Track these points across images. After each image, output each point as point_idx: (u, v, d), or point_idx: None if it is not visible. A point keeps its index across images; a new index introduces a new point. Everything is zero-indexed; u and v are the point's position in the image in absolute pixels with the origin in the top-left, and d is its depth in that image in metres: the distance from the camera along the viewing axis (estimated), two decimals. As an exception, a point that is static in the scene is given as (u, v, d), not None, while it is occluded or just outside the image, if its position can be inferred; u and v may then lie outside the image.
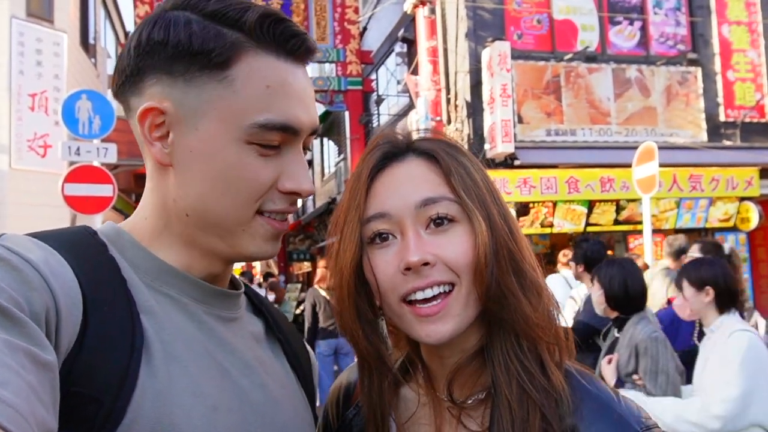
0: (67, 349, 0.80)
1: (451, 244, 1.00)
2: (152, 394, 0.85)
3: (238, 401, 0.98)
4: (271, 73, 0.97)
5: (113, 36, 18.28)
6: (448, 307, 0.99)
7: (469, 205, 1.00)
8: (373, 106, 19.84)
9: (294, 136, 0.99)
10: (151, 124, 0.99)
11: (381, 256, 1.02)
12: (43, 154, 10.83)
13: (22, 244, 0.84)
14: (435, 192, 1.01)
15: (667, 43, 14.35)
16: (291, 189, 0.99)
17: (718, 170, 13.30)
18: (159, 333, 0.92)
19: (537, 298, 1.03)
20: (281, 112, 0.96)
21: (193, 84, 0.96)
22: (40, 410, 0.65)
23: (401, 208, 1.01)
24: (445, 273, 0.99)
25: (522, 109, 13.09)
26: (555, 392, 0.98)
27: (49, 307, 0.78)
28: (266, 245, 1.02)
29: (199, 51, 0.94)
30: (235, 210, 0.98)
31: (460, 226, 1.01)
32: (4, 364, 0.64)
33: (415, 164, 1.06)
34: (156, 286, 0.98)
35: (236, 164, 0.96)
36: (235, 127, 0.95)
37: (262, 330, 1.17)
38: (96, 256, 0.93)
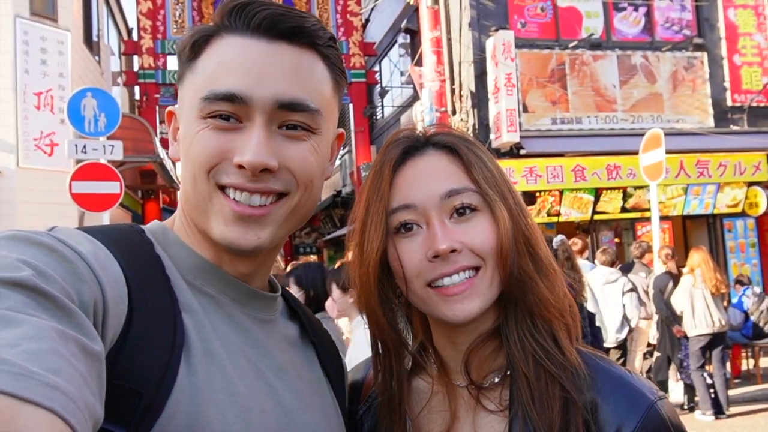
0: (112, 342, 0.82)
1: (475, 231, 1.06)
2: (190, 391, 0.87)
3: (272, 403, 0.99)
4: (228, 50, 0.99)
5: (116, 33, 18.30)
6: (474, 286, 1.05)
7: (491, 194, 1.07)
8: (377, 98, 19.81)
9: (246, 107, 0.96)
10: (173, 127, 1.09)
11: (407, 244, 1.08)
12: (50, 152, 10.86)
13: (73, 236, 0.86)
14: (458, 183, 1.07)
15: (673, 29, 14.26)
16: (236, 161, 0.96)
17: (726, 155, 13.23)
18: (199, 332, 0.94)
19: (551, 281, 1.09)
20: (226, 82, 0.96)
21: (182, 82, 1.04)
22: (90, 398, 0.66)
23: (426, 200, 1.06)
24: (472, 258, 1.05)
25: (527, 98, 13.05)
26: (571, 366, 1.05)
27: (97, 300, 0.80)
28: (230, 229, 0.98)
29: (181, 50, 1.03)
30: (196, 185, 0.99)
31: (482, 215, 1.07)
32: (57, 352, 0.65)
33: (436, 157, 1.11)
34: (197, 285, 1.00)
35: (192, 138, 0.99)
36: (194, 105, 0.99)
37: (296, 334, 1.18)
38: (142, 254, 0.96)
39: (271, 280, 1.18)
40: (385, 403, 1.16)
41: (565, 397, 1.01)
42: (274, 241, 1.03)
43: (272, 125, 0.98)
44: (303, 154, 1.00)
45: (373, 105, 19.93)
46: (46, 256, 0.78)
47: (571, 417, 0.99)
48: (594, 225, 13.91)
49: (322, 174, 1.07)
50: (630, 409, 1.00)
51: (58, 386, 0.61)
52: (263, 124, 0.97)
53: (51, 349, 0.64)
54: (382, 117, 19.78)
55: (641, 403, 1.00)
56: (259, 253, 1.03)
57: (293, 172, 1.00)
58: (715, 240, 14.16)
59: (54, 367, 0.62)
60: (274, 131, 0.98)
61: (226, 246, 0.99)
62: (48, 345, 0.64)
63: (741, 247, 14.13)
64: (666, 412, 1.01)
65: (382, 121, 19.64)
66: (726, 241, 14.08)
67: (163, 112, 11.21)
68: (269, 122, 0.97)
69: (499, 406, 1.08)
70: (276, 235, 1.02)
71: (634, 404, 1.00)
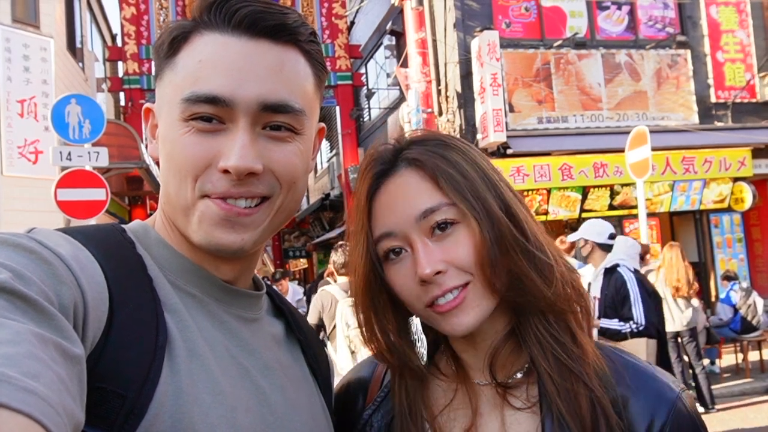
0: (93, 345, 0.80)
1: (458, 247, 1.03)
2: (173, 392, 0.86)
3: (257, 402, 0.98)
4: (208, 48, 0.95)
5: (100, 39, 18.18)
6: (466, 300, 1.04)
7: (462, 207, 1.03)
8: (363, 100, 19.80)
9: (230, 109, 0.93)
10: (150, 125, 1.06)
11: (398, 270, 1.07)
12: (35, 160, 10.77)
13: (52, 238, 0.85)
14: (431, 201, 1.04)
15: (656, 27, 14.35)
16: (221, 166, 0.93)
17: (711, 152, 13.33)
18: (182, 332, 0.92)
19: (550, 273, 1.06)
20: (208, 84, 0.93)
21: (160, 78, 1.01)
22: (70, 403, 0.65)
23: (403, 224, 1.05)
24: (458, 276, 1.03)
25: (513, 98, 13.09)
26: (588, 358, 1.05)
27: (77, 302, 0.78)
28: (214, 232, 0.96)
29: (158, 46, 1.00)
30: (179, 191, 0.96)
31: (462, 227, 1.04)
32: (35, 356, 0.63)
33: (406, 176, 1.08)
34: (180, 285, 0.99)
35: (174, 142, 0.96)
36: (175, 106, 0.96)
37: (282, 331, 1.17)
38: (124, 254, 0.94)
39: (255, 278, 1.16)
40: (402, 414, 1.15)
41: (591, 393, 1.01)
42: (257, 243, 1.01)
43: (256, 127, 0.96)
44: (287, 156, 0.98)
45: (360, 107, 19.92)
46: (24, 258, 0.77)
47: (599, 413, 1.00)
48: (582, 223, 13.95)
49: (306, 173, 1.05)
50: (659, 402, 1.02)
51: (36, 391, 0.60)
52: (247, 127, 0.94)
53: (29, 353, 0.63)
54: (369, 119, 19.78)
55: (669, 396, 1.02)
56: (242, 254, 1.01)
57: (277, 175, 0.98)
58: (702, 235, 14.26)
59: (32, 371, 0.61)
60: (258, 133, 0.96)
61: (208, 248, 0.98)
62: (26, 349, 0.63)
63: (728, 243, 14.23)
64: (689, 402, 1.04)
65: (369, 123, 19.63)
66: (713, 236, 14.18)
67: (149, 118, 11.18)
68: (253, 124, 0.95)
69: (527, 402, 1.07)
70: (259, 237, 1.01)
71: (663, 397, 1.02)
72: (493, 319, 1.08)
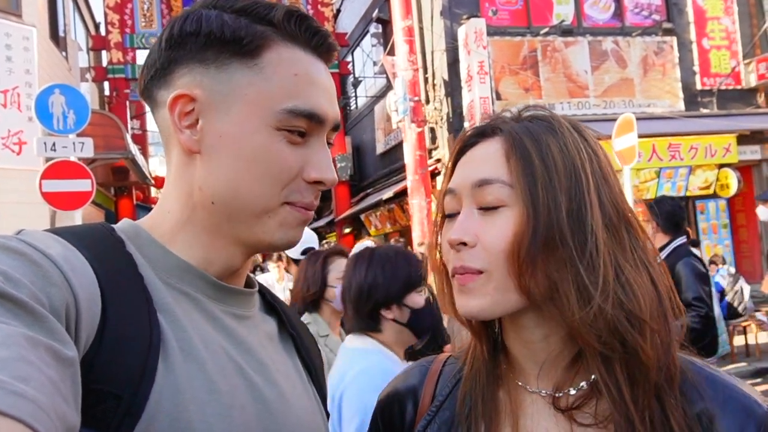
0: (86, 346, 0.79)
1: (493, 228, 0.96)
2: (169, 391, 0.85)
3: (252, 399, 0.98)
4: (298, 63, 1.00)
5: (83, 28, 17.99)
6: (477, 282, 0.96)
7: (519, 191, 0.95)
8: (350, 89, 19.77)
9: (319, 126, 1.01)
10: (180, 112, 1.00)
11: (447, 229, 1.04)
12: (18, 151, 10.65)
13: (41, 239, 0.84)
14: (491, 173, 0.99)
15: (642, 14, 14.38)
16: (316, 178, 1.00)
17: (697, 138, 13.40)
18: (176, 330, 0.92)
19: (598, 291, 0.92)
20: (308, 100, 0.99)
21: (224, 70, 0.98)
22: (62, 406, 0.64)
23: (462, 186, 1.02)
24: (477, 260, 0.96)
25: (500, 86, 13.09)
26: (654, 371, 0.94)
27: (69, 303, 0.77)
28: (292, 233, 1.03)
29: (230, 39, 0.97)
30: (263, 196, 0.98)
31: (508, 211, 0.96)
32: (25, 359, 0.62)
33: (492, 143, 1.03)
34: (172, 284, 0.98)
35: (266, 149, 0.97)
36: (266, 112, 0.97)
37: (275, 328, 1.18)
38: (114, 253, 0.93)
39: (248, 276, 1.16)
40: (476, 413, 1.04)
41: (671, 410, 0.93)
42: None
43: None
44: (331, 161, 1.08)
45: (347, 95, 19.87)
46: (13, 260, 0.76)
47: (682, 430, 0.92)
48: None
49: None
50: (748, 419, 0.94)
51: (26, 395, 0.59)
52: (325, 142, 1.04)
53: (19, 357, 0.62)
54: (356, 107, 19.74)
55: (758, 413, 0.94)
56: None
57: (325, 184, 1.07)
58: (688, 221, 14.37)
59: (22, 375, 0.61)
60: None
61: (283, 247, 1.04)
62: (16, 352, 0.62)
63: (713, 228, 14.36)
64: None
65: (355, 112, 19.60)
66: (699, 222, 14.29)
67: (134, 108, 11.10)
68: (327, 140, 1.05)
69: (595, 418, 0.95)
70: None
71: (752, 414, 0.94)
72: (544, 320, 0.98)
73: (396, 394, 1.19)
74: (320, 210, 21.41)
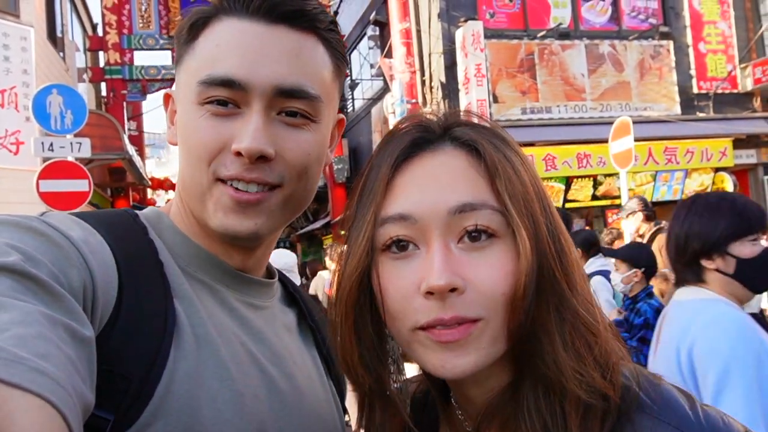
0: (100, 327, 0.81)
1: (488, 267, 0.77)
2: (181, 377, 0.86)
3: (265, 389, 0.99)
4: (225, 33, 0.97)
5: (80, 29, 17.97)
6: (472, 336, 0.77)
7: (515, 217, 0.78)
8: (347, 91, 19.74)
9: (244, 93, 0.94)
10: (170, 110, 1.06)
11: (396, 270, 0.80)
12: (16, 151, 10.64)
13: (63, 221, 0.86)
14: (476, 196, 0.79)
15: (639, 17, 14.41)
16: (235, 149, 0.93)
17: (693, 142, 13.44)
18: (191, 317, 0.93)
19: (585, 342, 0.78)
20: (223, 67, 0.94)
21: (180, 64, 1.02)
22: (80, 384, 0.66)
23: (430, 212, 0.79)
24: (473, 307, 0.77)
25: (497, 89, 13.11)
26: None
27: (87, 285, 0.79)
28: (228, 218, 0.96)
29: (178, 32, 1.01)
30: (194, 175, 0.97)
31: (500, 244, 0.79)
32: (45, 337, 0.64)
33: (452, 156, 0.83)
34: (191, 271, 0.99)
35: (190, 126, 0.97)
36: (190, 90, 0.97)
37: (294, 319, 1.17)
38: (135, 239, 0.94)
39: (269, 266, 1.17)
40: None
41: None
42: (271, 229, 1.02)
43: (271, 112, 0.96)
44: (300, 144, 0.99)
45: (344, 98, 19.86)
46: (35, 240, 0.78)
47: None
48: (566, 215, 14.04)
49: (320, 162, 1.05)
50: None
51: (46, 371, 0.60)
52: (261, 110, 0.95)
53: (39, 334, 0.64)
54: (353, 110, 19.73)
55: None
56: (256, 240, 1.03)
57: (288, 162, 0.98)
58: (684, 225, 14.38)
59: (42, 352, 0.62)
60: (273, 118, 0.97)
61: (225, 234, 0.98)
62: (36, 330, 0.64)
63: (709, 232, 14.38)
64: None
65: (352, 114, 19.58)
66: (694, 226, 14.31)
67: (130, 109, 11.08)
68: (268, 108, 0.96)
69: None
70: (273, 223, 1.01)
71: None
72: (494, 368, 0.81)
73: None
74: (317, 212, 21.39)
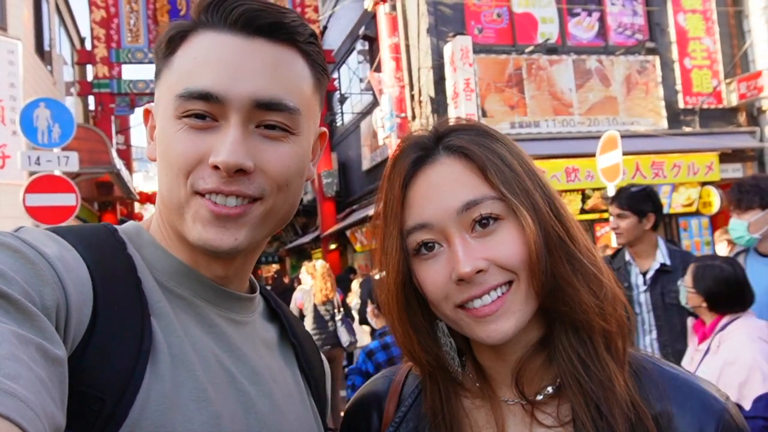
0: (73, 347, 0.79)
1: (501, 245, 0.94)
2: (156, 398, 0.85)
3: (243, 409, 0.97)
4: (203, 46, 0.96)
5: (69, 42, 17.95)
6: (507, 303, 0.94)
7: (512, 200, 0.95)
8: (336, 105, 19.80)
9: (222, 106, 0.93)
10: (150, 125, 1.05)
11: (429, 267, 0.97)
12: (2, 165, 10.58)
13: (38, 238, 0.84)
14: (474, 193, 0.95)
15: (625, 33, 14.55)
16: (212, 162, 0.92)
17: (679, 156, 13.54)
18: (168, 336, 0.91)
19: (597, 283, 0.97)
20: (201, 81, 0.93)
21: (158, 79, 1.01)
22: (50, 405, 0.64)
23: (442, 216, 0.96)
24: (501, 275, 0.94)
25: (485, 103, 13.17)
26: (609, 382, 0.95)
27: (60, 303, 0.77)
28: (207, 231, 0.94)
29: (158, 46, 1.01)
30: (172, 189, 0.96)
31: (507, 223, 0.95)
32: (15, 357, 0.62)
33: (447, 165, 0.99)
34: (170, 287, 0.98)
35: (167, 140, 0.96)
36: (168, 104, 0.96)
37: (275, 336, 1.16)
38: (113, 255, 0.92)
39: (251, 280, 1.15)
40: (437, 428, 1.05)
41: (628, 412, 0.93)
42: (251, 243, 1.00)
43: (249, 125, 0.95)
44: (280, 156, 0.97)
45: (333, 112, 19.91)
46: (8, 257, 0.76)
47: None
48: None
49: (301, 175, 1.03)
50: (706, 415, 0.94)
51: (15, 393, 0.59)
52: (239, 124, 0.93)
53: (9, 354, 0.62)
54: (342, 124, 19.77)
55: (716, 408, 0.95)
56: (236, 254, 1.00)
57: (268, 175, 0.96)
58: (671, 239, 14.45)
59: (12, 373, 0.60)
60: (251, 131, 0.95)
61: (204, 248, 0.96)
62: (6, 350, 0.62)
63: (696, 246, 14.45)
64: (735, 412, 0.97)
65: (342, 128, 19.63)
66: (682, 239, 14.39)
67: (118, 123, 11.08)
68: (246, 121, 0.94)
69: (558, 421, 0.98)
70: (253, 237, 0.99)
71: (709, 410, 0.95)
72: (525, 329, 0.98)
73: (362, 402, 1.19)
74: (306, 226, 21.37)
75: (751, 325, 3.06)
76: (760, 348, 2.89)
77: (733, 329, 3.07)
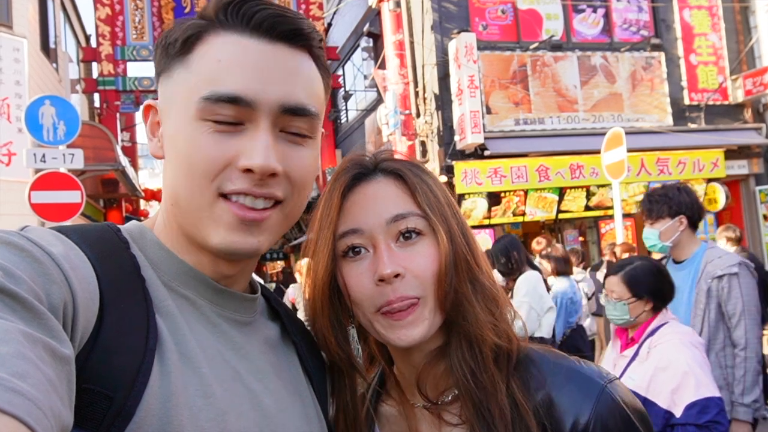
0: (80, 345, 0.79)
1: (419, 256, 1.09)
2: (163, 395, 0.85)
3: (249, 406, 0.98)
4: (227, 48, 0.95)
5: (74, 40, 17.96)
6: (418, 311, 1.08)
7: (434, 219, 1.10)
8: (341, 102, 19.80)
9: (251, 110, 0.94)
10: (151, 122, 1.04)
11: (355, 268, 1.11)
12: (8, 162, 10.61)
13: (44, 237, 0.84)
14: (403, 208, 1.10)
15: (631, 29, 14.51)
16: (244, 165, 0.93)
17: (685, 153, 13.51)
18: (173, 334, 0.92)
19: (494, 304, 1.12)
20: (229, 84, 0.93)
21: (168, 75, 1.00)
22: (58, 404, 0.64)
23: (373, 224, 1.09)
24: (412, 287, 1.08)
25: (490, 100, 13.15)
26: (493, 389, 1.06)
27: (67, 302, 0.77)
28: (231, 235, 0.95)
29: (168, 43, 0.99)
30: (194, 191, 0.95)
31: (426, 239, 1.10)
32: (23, 356, 0.63)
33: (384, 183, 1.14)
34: (174, 287, 0.98)
35: (189, 142, 0.95)
36: (189, 105, 0.95)
37: (277, 334, 1.17)
38: (117, 254, 0.93)
39: (251, 281, 1.16)
40: (341, 422, 1.18)
41: (507, 415, 1.03)
42: (270, 245, 1.02)
43: (276, 129, 0.97)
44: (302, 160, 1.00)
45: (337, 109, 19.91)
46: (15, 256, 0.76)
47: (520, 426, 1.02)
48: (559, 224, 14.09)
49: (315, 176, 1.07)
50: (583, 397, 1.01)
51: (23, 392, 0.59)
52: (269, 128, 0.95)
53: (17, 353, 0.62)
54: (347, 120, 19.77)
55: (593, 389, 1.02)
56: (256, 256, 1.04)
57: (292, 179, 0.99)
58: (677, 236, 14.42)
59: (19, 371, 0.61)
60: (278, 135, 0.97)
61: (226, 251, 0.97)
62: (14, 348, 0.62)
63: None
64: (619, 392, 1.02)
65: (346, 125, 19.63)
66: (687, 236, 14.35)
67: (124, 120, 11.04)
68: (273, 126, 0.96)
69: (460, 419, 1.09)
70: (273, 239, 1.02)
71: (587, 391, 1.02)
72: (431, 337, 1.10)
73: None
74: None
75: (682, 331, 3.02)
76: (693, 354, 2.86)
77: (663, 334, 3.02)
